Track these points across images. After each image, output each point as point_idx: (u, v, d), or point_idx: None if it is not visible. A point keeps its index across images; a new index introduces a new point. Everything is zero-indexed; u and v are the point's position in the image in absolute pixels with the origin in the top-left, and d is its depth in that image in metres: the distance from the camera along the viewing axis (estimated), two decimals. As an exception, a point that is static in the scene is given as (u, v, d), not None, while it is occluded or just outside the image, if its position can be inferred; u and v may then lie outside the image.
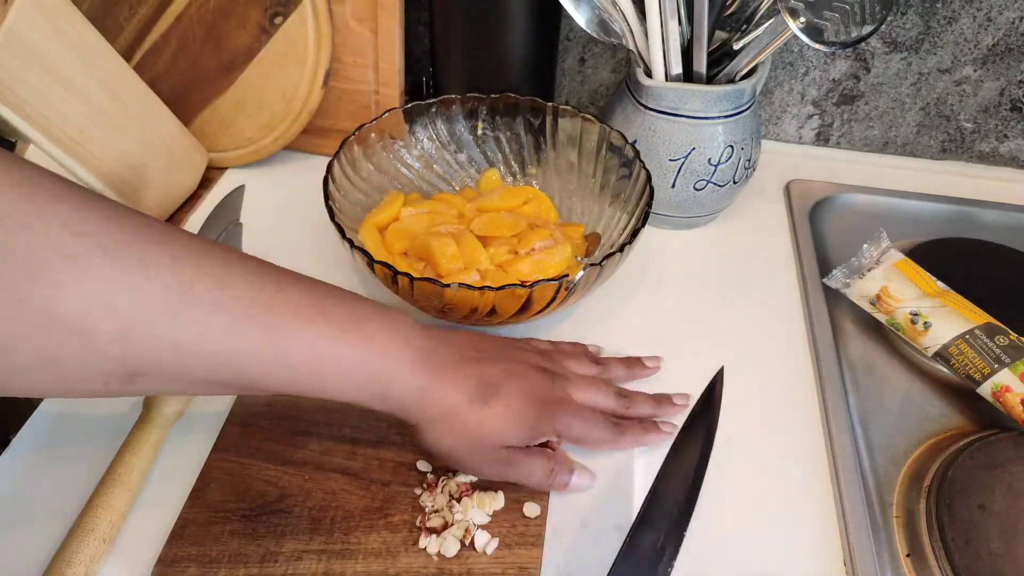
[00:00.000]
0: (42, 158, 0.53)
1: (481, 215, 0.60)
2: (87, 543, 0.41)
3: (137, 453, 0.45)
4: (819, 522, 0.47)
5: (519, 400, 0.43)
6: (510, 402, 0.43)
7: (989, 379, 0.51)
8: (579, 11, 0.59)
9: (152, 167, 0.63)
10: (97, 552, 0.41)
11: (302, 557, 0.42)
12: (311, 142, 0.73)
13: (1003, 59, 0.71)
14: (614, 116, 0.65)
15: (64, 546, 0.41)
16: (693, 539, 0.46)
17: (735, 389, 0.55)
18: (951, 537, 0.45)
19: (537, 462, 0.44)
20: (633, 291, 0.62)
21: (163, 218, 0.66)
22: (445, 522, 0.44)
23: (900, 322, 0.56)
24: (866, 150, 0.81)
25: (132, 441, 0.46)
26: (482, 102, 0.64)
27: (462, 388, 0.42)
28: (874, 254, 0.61)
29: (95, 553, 0.41)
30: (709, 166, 0.62)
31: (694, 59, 0.61)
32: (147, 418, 0.47)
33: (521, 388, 0.44)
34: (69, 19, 0.54)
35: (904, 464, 0.51)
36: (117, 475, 0.44)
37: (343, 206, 0.57)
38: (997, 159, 0.79)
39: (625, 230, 0.58)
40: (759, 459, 0.50)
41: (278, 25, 0.64)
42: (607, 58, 0.77)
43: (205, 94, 0.68)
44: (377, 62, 0.68)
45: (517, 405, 0.43)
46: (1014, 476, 0.48)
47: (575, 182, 0.64)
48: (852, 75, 0.75)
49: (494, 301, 0.49)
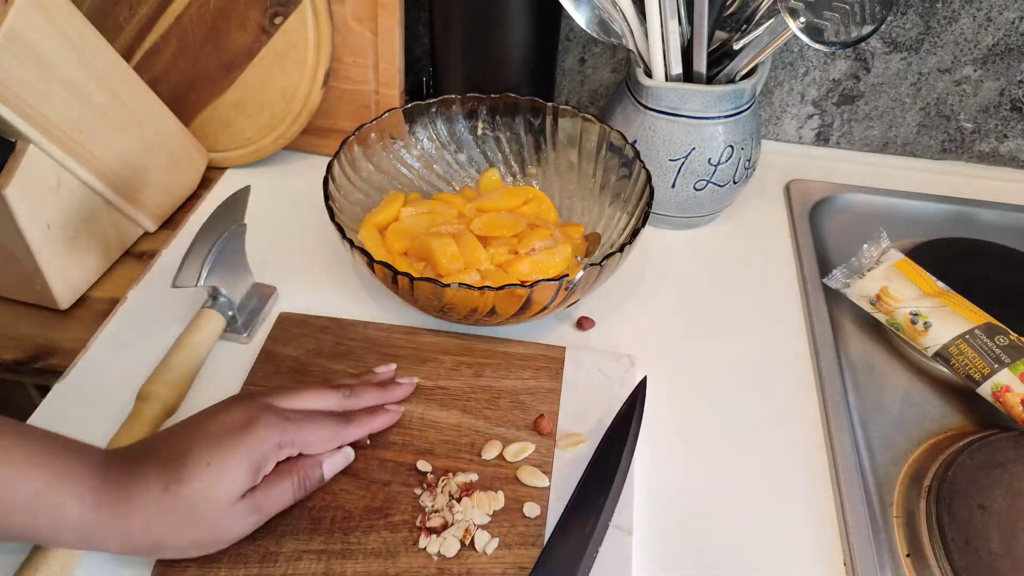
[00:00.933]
0: (42, 158, 0.53)
1: (481, 215, 0.60)
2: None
3: None
4: (819, 522, 0.47)
5: (215, 446, 0.38)
6: (208, 456, 0.38)
7: (989, 379, 0.51)
8: (579, 11, 0.59)
9: (152, 167, 0.63)
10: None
11: (302, 557, 0.42)
12: (311, 142, 0.73)
13: (1003, 59, 0.71)
14: (614, 116, 0.65)
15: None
16: (693, 539, 0.46)
17: (735, 389, 0.55)
18: (951, 537, 0.45)
19: (279, 487, 0.41)
20: (633, 291, 0.62)
21: (163, 218, 0.66)
22: (445, 522, 0.44)
23: (900, 322, 0.56)
24: (866, 150, 0.81)
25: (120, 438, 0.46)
26: (482, 102, 0.64)
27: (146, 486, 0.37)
28: (874, 254, 0.61)
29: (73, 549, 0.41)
30: (709, 166, 0.62)
31: (694, 59, 0.61)
32: (137, 414, 0.47)
33: (211, 434, 0.39)
34: (69, 19, 0.54)
35: (904, 464, 0.51)
36: None
37: (343, 206, 0.57)
38: (997, 159, 0.79)
39: (625, 230, 0.58)
40: (759, 459, 0.50)
41: (278, 25, 0.64)
42: (607, 58, 0.77)
43: (205, 94, 0.68)
44: (377, 62, 0.68)
45: (216, 453, 0.38)
46: (1014, 476, 0.48)
47: (575, 182, 0.64)
48: (852, 75, 0.75)
49: (494, 301, 0.49)
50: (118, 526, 0.36)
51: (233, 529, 0.39)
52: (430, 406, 0.50)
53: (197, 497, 0.37)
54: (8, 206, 0.51)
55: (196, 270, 0.50)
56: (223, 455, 0.38)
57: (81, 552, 0.41)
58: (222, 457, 0.38)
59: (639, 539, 0.45)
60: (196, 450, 0.38)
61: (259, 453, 0.40)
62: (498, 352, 0.54)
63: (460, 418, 0.50)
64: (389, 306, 0.59)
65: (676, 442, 0.51)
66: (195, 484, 0.37)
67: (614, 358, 0.55)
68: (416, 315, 0.58)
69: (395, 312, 0.59)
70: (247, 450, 0.39)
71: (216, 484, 0.38)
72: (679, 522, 0.46)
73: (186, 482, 0.37)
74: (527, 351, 0.54)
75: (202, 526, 0.38)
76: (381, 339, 0.55)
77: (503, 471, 0.47)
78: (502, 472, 0.47)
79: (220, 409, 0.42)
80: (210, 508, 0.38)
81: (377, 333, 0.55)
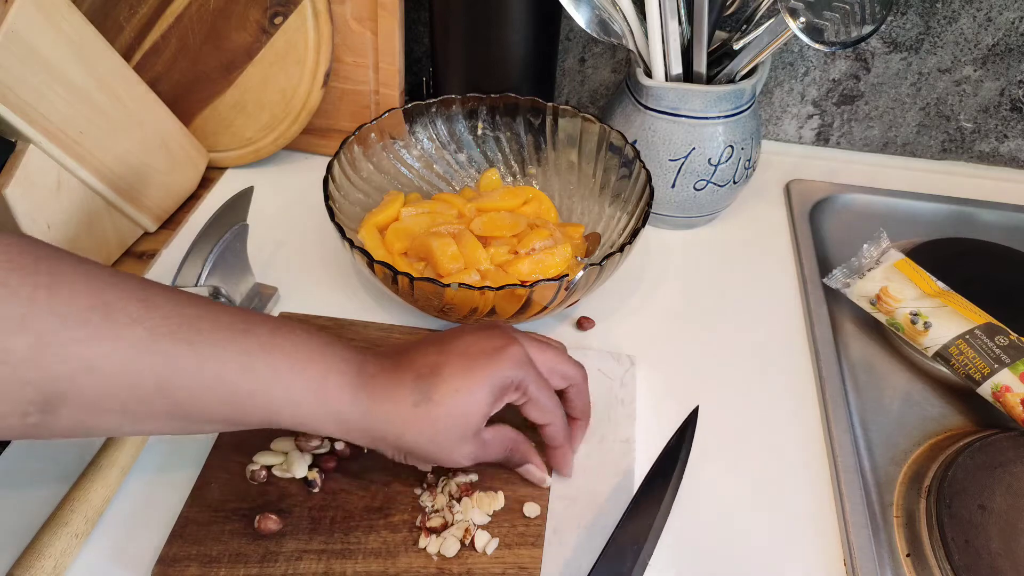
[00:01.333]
0: (42, 158, 0.53)
1: (481, 215, 0.60)
2: (59, 537, 0.41)
3: (119, 449, 0.45)
4: (819, 522, 0.47)
5: (466, 369, 0.39)
6: (455, 382, 0.39)
7: (989, 379, 0.51)
8: (579, 11, 0.59)
9: (152, 167, 0.63)
10: (68, 546, 0.41)
11: (302, 557, 0.42)
12: (311, 142, 0.73)
13: (1003, 59, 0.71)
14: (614, 116, 0.65)
15: (36, 539, 0.41)
16: (693, 539, 0.46)
17: (735, 389, 0.55)
18: (951, 537, 0.45)
19: (498, 442, 0.42)
20: (633, 291, 0.62)
21: (163, 218, 0.66)
22: (445, 522, 0.44)
23: (900, 322, 0.56)
24: (866, 150, 0.81)
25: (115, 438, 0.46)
26: (482, 102, 0.64)
27: (400, 396, 0.39)
28: (874, 254, 0.61)
29: (66, 547, 0.41)
30: (709, 166, 0.62)
31: (694, 59, 0.61)
32: None
33: (463, 355, 0.40)
34: (69, 19, 0.54)
35: (904, 464, 0.51)
36: (97, 469, 0.44)
37: (343, 206, 0.57)
38: (997, 159, 0.79)
39: (625, 230, 0.58)
40: (759, 459, 0.50)
41: (278, 25, 0.64)
42: (607, 58, 0.77)
43: (205, 94, 0.68)
44: (377, 62, 0.68)
45: (466, 377, 0.39)
46: (1014, 476, 0.48)
47: (575, 182, 0.64)
48: (852, 75, 0.75)
49: (494, 301, 0.49)
50: (369, 425, 0.38)
51: (459, 456, 0.41)
52: (430, 406, 0.50)
53: (443, 420, 0.39)
54: (8, 206, 0.51)
55: (196, 270, 0.50)
56: (472, 379, 0.39)
57: (76, 551, 0.42)
58: (471, 382, 0.39)
59: (639, 539, 0.45)
60: (446, 370, 0.39)
61: (502, 383, 0.40)
62: (498, 352, 0.54)
63: (460, 418, 0.50)
64: (389, 306, 0.59)
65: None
66: (444, 407, 0.39)
67: (614, 358, 0.55)
68: (416, 315, 0.58)
69: (395, 312, 0.59)
70: (491, 376, 0.40)
71: (462, 409, 0.39)
72: (679, 522, 0.46)
73: (436, 404, 0.39)
74: (527, 351, 0.54)
75: (443, 445, 0.40)
76: (381, 339, 0.55)
77: (503, 471, 0.47)
78: (502, 472, 0.47)
79: (474, 330, 0.42)
80: (452, 432, 0.39)
81: (377, 333, 0.55)
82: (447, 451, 0.40)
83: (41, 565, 0.40)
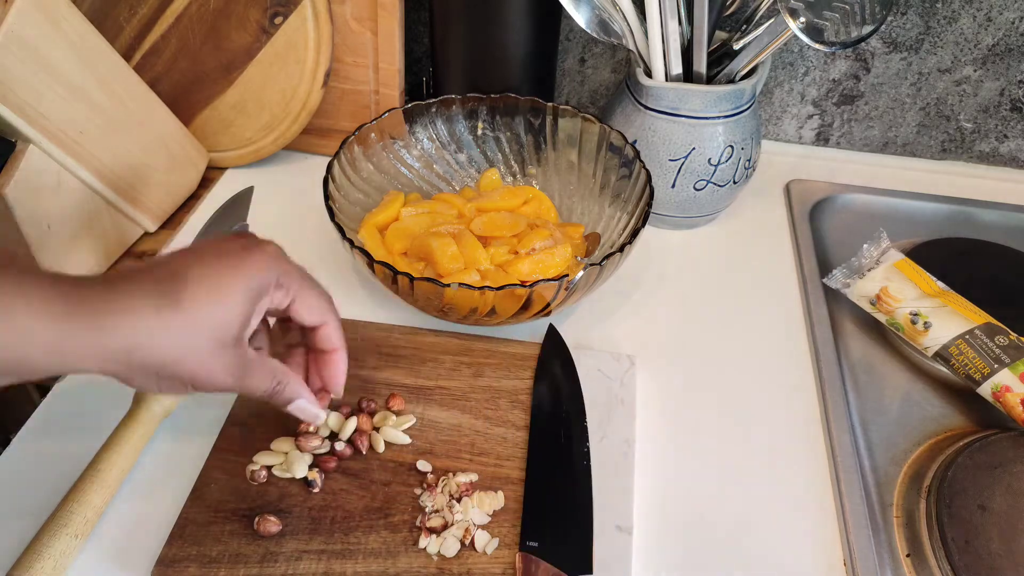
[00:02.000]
0: (42, 158, 0.53)
1: (481, 215, 0.60)
2: (58, 538, 0.41)
3: (118, 450, 0.45)
4: (819, 522, 0.47)
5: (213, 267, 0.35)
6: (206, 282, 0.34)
7: (989, 379, 0.51)
8: (579, 11, 0.59)
9: (152, 167, 0.63)
10: (68, 547, 0.41)
11: (302, 557, 0.42)
12: (311, 142, 0.73)
13: (1003, 59, 0.71)
14: (614, 116, 0.65)
15: (35, 540, 0.41)
16: (693, 539, 0.46)
17: (735, 389, 0.55)
18: (951, 537, 0.45)
19: (265, 369, 0.38)
20: (633, 291, 0.62)
21: (163, 218, 0.66)
22: (445, 522, 0.44)
23: (900, 322, 0.56)
24: (866, 150, 0.81)
25: (115, 438, 0.46)
26: (482, 102, 0.64)
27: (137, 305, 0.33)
28: (874, 254, 0.61)
29: (66, 548, 0.41)
30: (709, 166, 0.62)
31: (694, 59, 0.61)
32: (133, 415, 0.47)
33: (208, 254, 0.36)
34: (69, 19, 0.54)
35: (904, 464, 0.51)
36: (96, 471, 0.44)
37: (343, 206, 0.57)
38: (997, 159, 0.79)
39: (625, 230, 0.58)
40: (759, 459, 0.50)
41: (278, 25, 0.64)
42: (607, 58, 0.77)
43: (205, 94, 0.68)
44: (377, 62, 0.68)
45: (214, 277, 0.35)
46: (1014, 476, 0.48)
47: (575, 182, 0.64)
48: (852, 75, 0.75)
49: (494, 301, 0.49)
50: (97, 342, 0.33)
51: (219, 369, 0.36)
52: (430, 406, 0.50)
53: (195, 325, 0.34)
54: (8, 206, 0.51)
55: (196, 270, 0.50)
56: (224, 278, 0.35)
57: (75, 551, 0.41)
58: (220, 279, 0.35)
59: (639, 539, 0.45)
60: (193, 271, 0.35)
61: (258, 281, 0.36)
62: (498, 352, 0.54)
63: (460, 418, 0.50)
64: (389, 306, 0.59)
65: (676, 442, 0.51)
66: (193, 311, 0.34)
67: (614, 358, 0.55)
68: (416, 315, 0.58)
69: (395, 312, 0.59)
70: (246, 275, 0.36)
71: (217, 312, 0.35)
72: (679, 522, 0.46)
73: (183, 308, 0.34)
74: (527, 351, 0.54)
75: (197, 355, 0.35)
76: (381, 339, 0.55)
77: (503, 471, 0.47)
78: (502, 472, 0.47)
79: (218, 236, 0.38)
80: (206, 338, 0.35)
81: (377, 333, 0.55)
82: (202, 364, 0.35)
83: (41, 566, 0.40)
